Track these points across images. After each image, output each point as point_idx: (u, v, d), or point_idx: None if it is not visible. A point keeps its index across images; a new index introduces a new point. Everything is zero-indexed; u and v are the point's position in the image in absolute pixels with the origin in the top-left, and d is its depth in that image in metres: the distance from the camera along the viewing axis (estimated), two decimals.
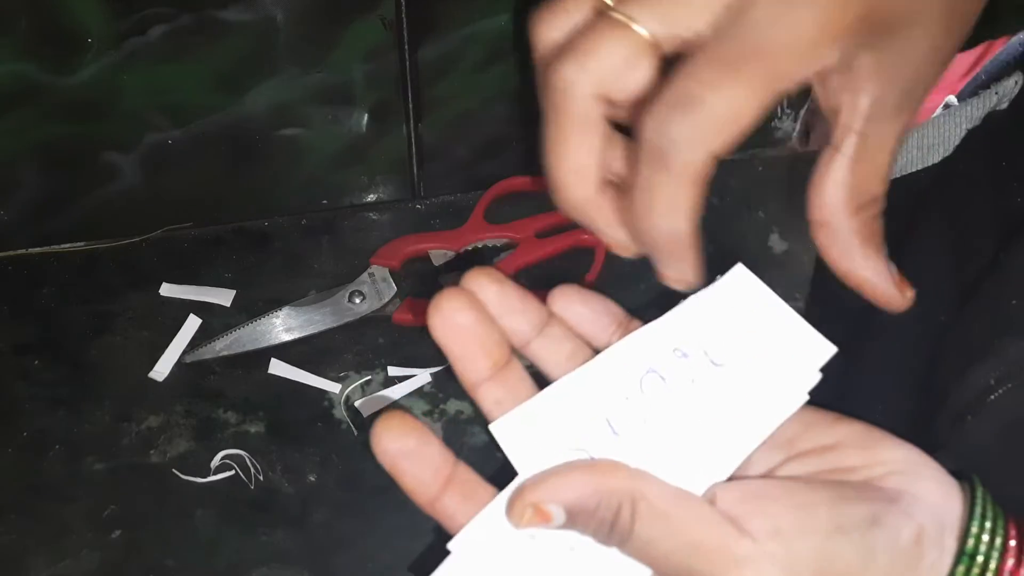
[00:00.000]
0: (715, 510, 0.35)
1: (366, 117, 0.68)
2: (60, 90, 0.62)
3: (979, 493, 0.36)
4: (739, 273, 0.38)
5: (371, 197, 0.73)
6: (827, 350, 0.37)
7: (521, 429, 0.37)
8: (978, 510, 0.36)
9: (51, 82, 0.61)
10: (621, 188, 0.38)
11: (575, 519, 0.35)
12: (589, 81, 0.35)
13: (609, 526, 0.35)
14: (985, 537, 0.35)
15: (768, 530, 0.35)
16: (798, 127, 0.76)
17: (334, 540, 0.60)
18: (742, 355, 0.37)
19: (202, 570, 0.59)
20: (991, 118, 0.52)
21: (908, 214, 0.52)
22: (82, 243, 0.70)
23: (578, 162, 0.37)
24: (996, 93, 0.51)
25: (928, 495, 0.36)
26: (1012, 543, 0.35)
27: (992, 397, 0.41)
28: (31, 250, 0.70)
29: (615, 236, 0.38)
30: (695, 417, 0.36)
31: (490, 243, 0.70)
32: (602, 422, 0.36)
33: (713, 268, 0.40)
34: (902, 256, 0.51)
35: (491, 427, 0.38)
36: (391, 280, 0.68)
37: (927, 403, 0.45)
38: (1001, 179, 0.48)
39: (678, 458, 0.36)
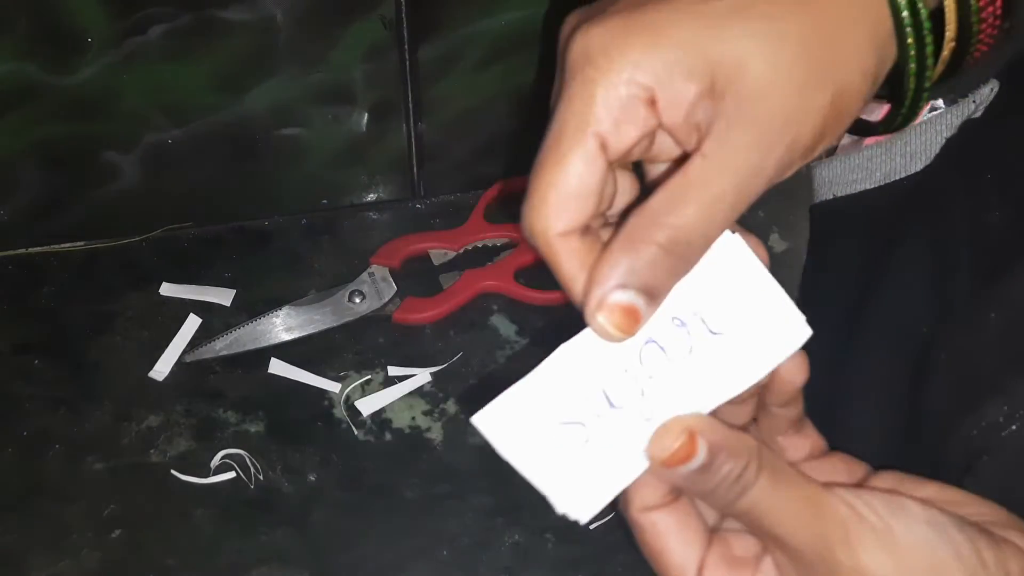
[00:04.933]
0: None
1: (366, 117, 0.68)
2: (60, 90, 0.62)
3: None
4: (729, 241, 0.37)
5: (371, 197, 0.73)
6: (804, 332, 0.37)
7: (508, 416, 0.36)
8: None
9: (51, 82, 0.61)
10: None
11: (712, 462, 0.34)
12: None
13: (737, 476, 0.34)
14: None
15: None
16: None
17: (334, 540, 0.60)
18: (734, 323, 0.36)
19: (202, 570, 0.58)
20: (967, 126, 0.51)
21: (892, 222, 0.52)
22: (82, 243, 0.70)
23: (570, 186, 0.34)
24: (974, 101, 0.50)
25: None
26: None
27: (1004, 434, 0.41)
28: (31, 250, 0.70)
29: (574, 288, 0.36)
30: (694, 388, 0.36)
31: (490, 243, 0.70)
32: (599, 394, 0.35)
33: None
34: (887, 267, 0.51)
35: (474, 420, 0.36)
36: (391, 280, 0.68)
37: (916, 416, 0.45)
38: (978, 190, 0.48)
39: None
